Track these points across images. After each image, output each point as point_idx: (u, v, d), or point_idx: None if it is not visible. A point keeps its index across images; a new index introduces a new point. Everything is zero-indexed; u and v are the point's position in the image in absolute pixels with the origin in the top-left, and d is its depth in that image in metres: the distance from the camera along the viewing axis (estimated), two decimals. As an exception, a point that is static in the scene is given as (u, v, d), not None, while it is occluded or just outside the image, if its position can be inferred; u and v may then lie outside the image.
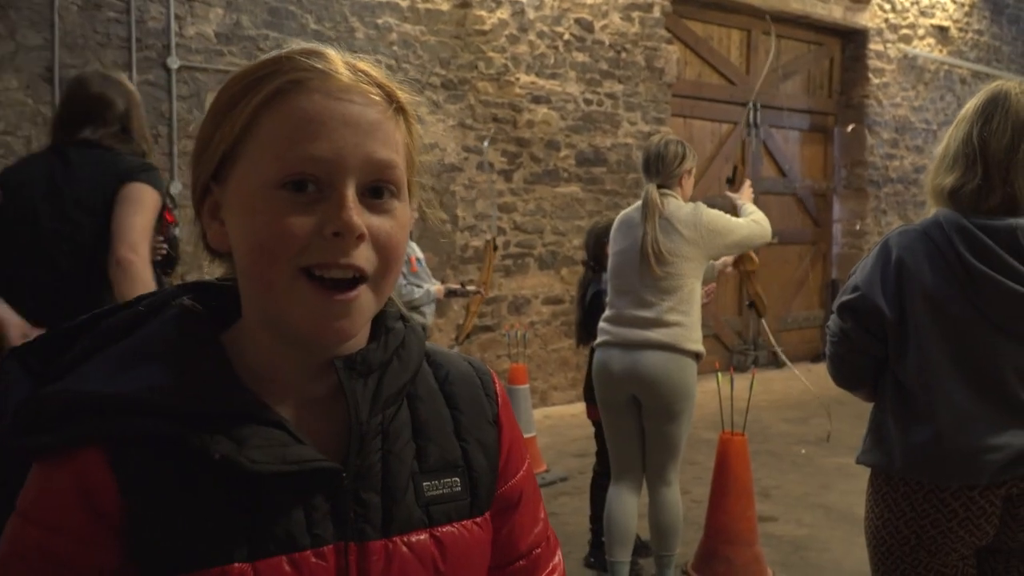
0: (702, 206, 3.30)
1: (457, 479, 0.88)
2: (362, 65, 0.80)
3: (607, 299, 3.41)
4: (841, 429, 6.31)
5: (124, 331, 0.83)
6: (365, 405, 0.82)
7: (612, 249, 3.40)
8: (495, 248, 5.15)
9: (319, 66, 0.77)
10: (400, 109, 0.82)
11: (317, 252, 0.74)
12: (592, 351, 3.66)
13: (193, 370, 0.77)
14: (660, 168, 3.29)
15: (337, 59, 0.79)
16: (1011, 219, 1.79)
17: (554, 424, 6.78)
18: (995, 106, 1.84)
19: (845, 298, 1.96)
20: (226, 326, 0.85)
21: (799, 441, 6.24)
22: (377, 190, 0.78)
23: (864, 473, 2.00)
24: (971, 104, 1.89)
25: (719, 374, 3.86)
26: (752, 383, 3.83)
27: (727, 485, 3.75)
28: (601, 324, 3.38)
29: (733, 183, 3.75)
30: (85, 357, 0.80)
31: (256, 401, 0.78)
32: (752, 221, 3.41)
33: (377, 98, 0.79)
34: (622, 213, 3.47)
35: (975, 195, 1.83)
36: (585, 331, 3.95)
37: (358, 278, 0.77)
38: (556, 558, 1.02)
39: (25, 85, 5.17)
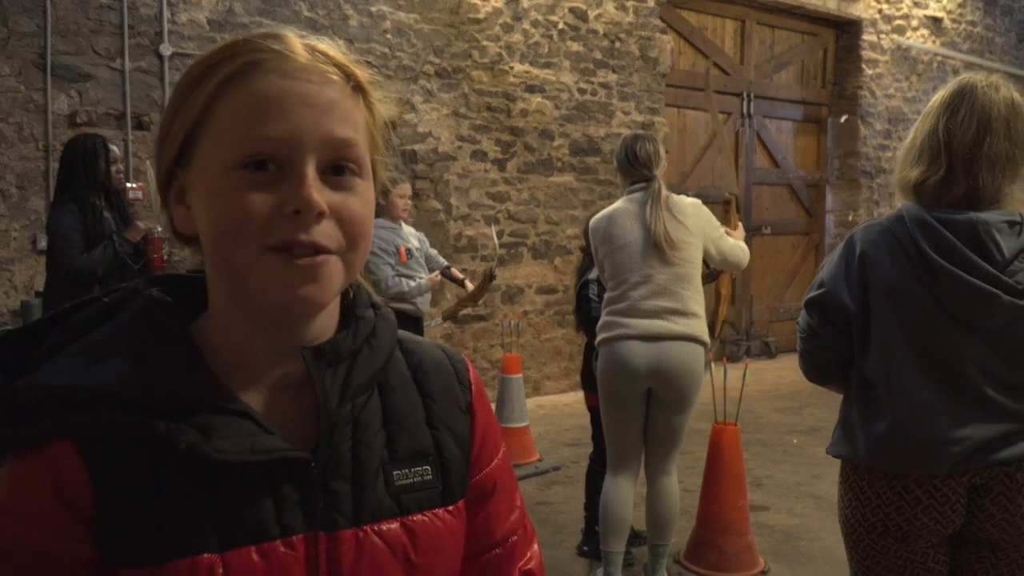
0: (699, 200, 3.38)
1: (428, 467, 0.87)
2: (320, 46, 0.80)
3: (612, 293, 3.34)
4: (832, 418, 6.33)
5: (94, 324, 0.83)
6: (334, 394, 0.81)
7: (611, 245, 3.32)
8: (492, 279, 5.17)
9: (275, 47, 0.77)
10: (359, 88, 0.82)
11: (279, 230, 0.74)
12: (589, 339, 3.66)
13: (160, 361, 0.78)
14: (657, 163, 3.35)
15: (294, 40, 0.79)
16: (971, 213, 1.79)
17: (547, 413, 6.80)
18: (961, 99, 1.84)
19: (812, 294, 1.98)
20: (195, 317, 0.84)
21: (791, 431, 6.27)
22: (338, 168, 0.78)
23: (849, 461, 2.03)
24: (938, 97, 1.90)
25: (712, 364, 3.88)
26: (745, 373, 3.85)
27: (719, 475, 3.77)
28: (611, 317, 3.30)
29: (727, 217, 3.77)
30: (56, 351, 0.80)
31: (224, 391, 0.78)
32: (737, 244, 3.45)
33: (335, 77, 0.79)
34: (605, 213, 3.44)
35: (939, 188, 1.83)
36: (579, 317, 3.96)
37: (321, 252, 0.77)
38: (533, 546, 1.02)
39: (17, 72, 5.14)
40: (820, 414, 6.63)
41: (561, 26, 7.46)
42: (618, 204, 3.42)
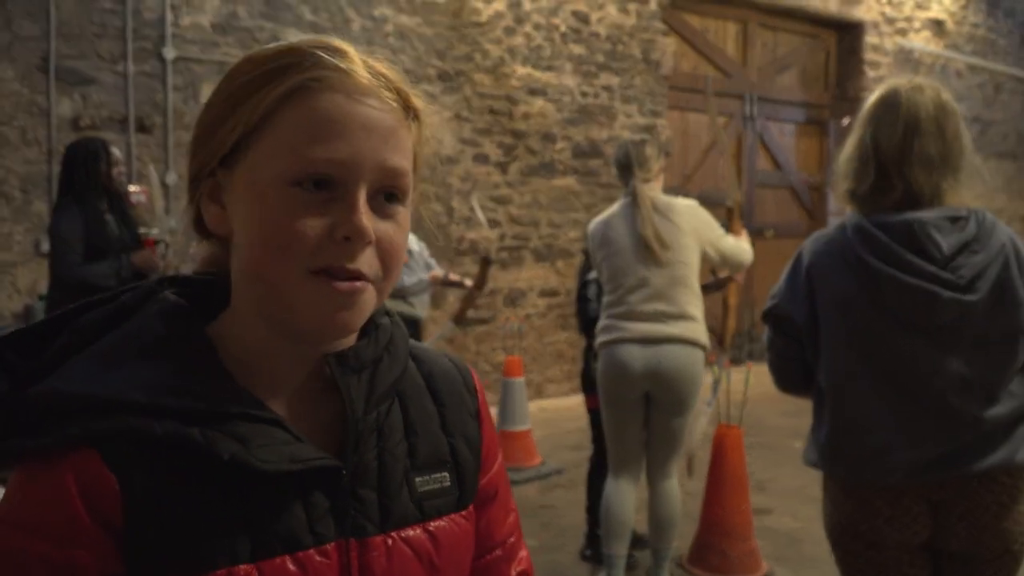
0: (695, 202, 3.38)
1: (446, 474, 0.89)
2: (380, 67, 0.80)
3: (610, 296, 3.36)
4: (835, 422, 6.32)
5: (106, 327, 0.81)
6: (360, 401, 0.81)
7: (605, 251, 3.36)
8: (490, 263, 5.07)
9: (342, 65, 0.77)
10: (415, 116, 0.82)
11: (326, 255, 0.74)
12: (588, 343, 3.66)
13: (186, 367, 0.76)
14: (643, 164, 3.35)
15: (357, 58, 0.78)
16: (908, 214, 1.79)
17: (549, 417, 6.79)
18: (885, 107, 1.86)
19: (766, 306, 2.00)
20: (209, 319, 0.83)
21: (794, 434, 6.25)
22: (386, 196, 0.78)
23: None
24: (865, 107, 1.93)
25: (714, 367, 3.87)
26: (748, 377, 3.84)
27: (723, 478, 3.76)
28: (610, 321, 3.32)
29: (731, 224, 3.75)
30: (66, 353, 0.78)
31: (252, 398, 0.77)
32: (737, 243, 3.45)
33: (394, 103, 0.79)
34: (603, 216, 3.47)
35: (874, 194, 1.84)
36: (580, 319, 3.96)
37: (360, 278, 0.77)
38: (524, 546, 1.03)
39: (21, 75, 5.15)
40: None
41: (563, 29, 7.46)
42: (614, 208, 3.45)
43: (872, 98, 1.91)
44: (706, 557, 3.72)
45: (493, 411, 5.75)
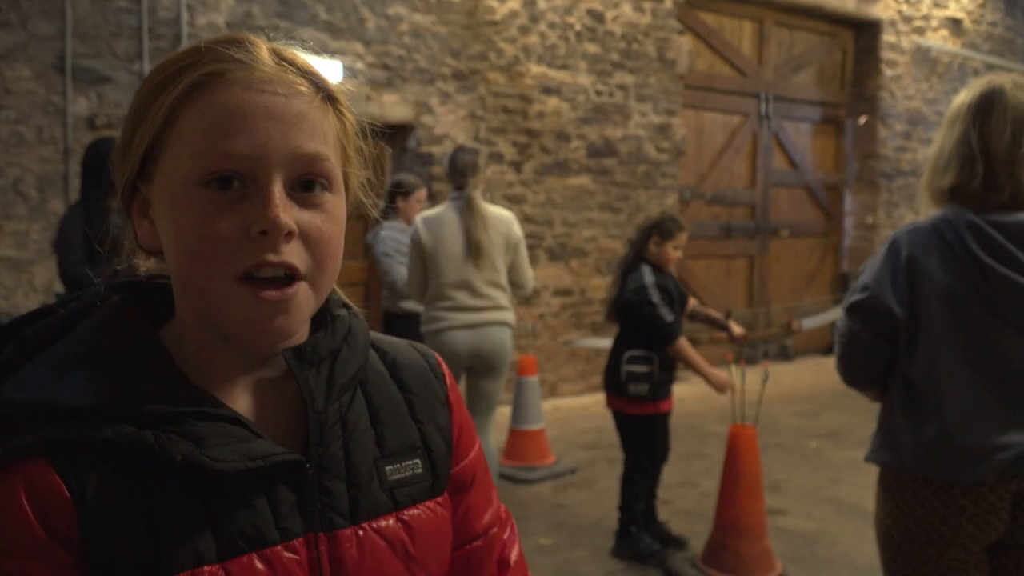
0: (512, 215, 4.04)
1: (418, 460, 0.88)
2: (288, 53, 0.78)
3: (433, 291, 3.88)
4: (851, 423, 6.31)
5: (53, 336, 0.79)
6: (320, 394, 0.81)
7: (439, 246, 3.85)
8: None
9: (239, 56, 0.75)
10: (330, 98, 0.79)
11: (248, 254, 0.72)
12: (638, 347, 3.82)
13: (137, 370, 0.75)
14: (476, 173, 3.91)
15: (261, 48, 0.77)
16: (1020, 215, 1.78)
17: (563, 416, 6.78)
18: (991, 104, 1.81)
19: (854, 298, 1.93)
20: (160, 322, 0.82)
21: (809, 434, 6.22)
22: (307, 183, 0.76)
23: (874, 467, 2.00)
24: (963, 102, 1.87)
25: (731, 366, 3.85)
26: (765, 376, 3.82)
27: (737, 478, 3.74)
28: (436, 312, 3.90)
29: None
30: (13, 367, 0.75)
31: (208, 396, 0.76)
32: (530, 275, 4.17)
33: (303, 88, 0.76)
34: (435, 213, 3.96)
35: (981, 193, 1.81)
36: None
37: (292, 276, 0.75)
38: (508, 531, 1.01)
39: (37, 75, 5.18)
40: (839, 418, 6.59)
41: (578, 28, 7.44)
42: (443, 208, 3.97)
43: (973, 94, 1.85)
44: (720, 557, 3.70)
45: (507, 410, 5.74)
